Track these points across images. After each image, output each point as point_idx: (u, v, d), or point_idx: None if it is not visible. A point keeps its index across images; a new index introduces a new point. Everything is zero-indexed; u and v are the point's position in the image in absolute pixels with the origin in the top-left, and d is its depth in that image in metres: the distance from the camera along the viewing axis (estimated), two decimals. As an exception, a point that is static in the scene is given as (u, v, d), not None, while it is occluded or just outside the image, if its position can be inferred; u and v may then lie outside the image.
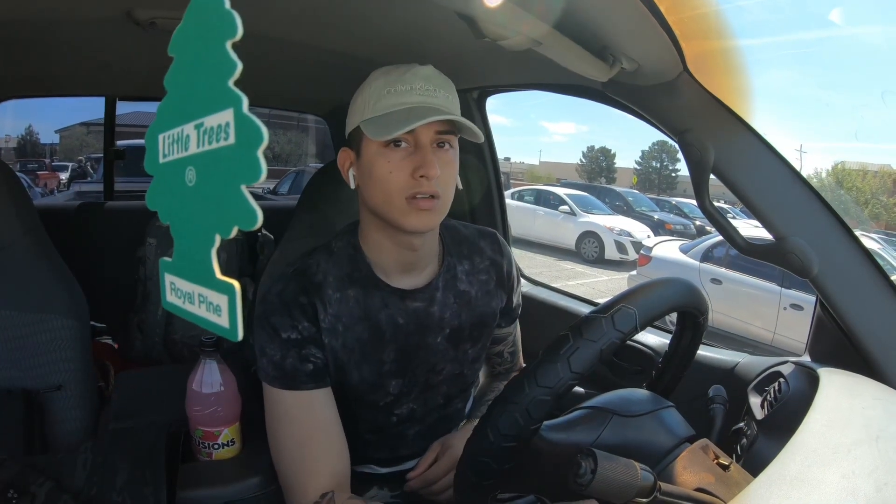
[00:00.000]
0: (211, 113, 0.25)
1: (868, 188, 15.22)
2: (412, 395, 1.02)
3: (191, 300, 0.28)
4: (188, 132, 0.26)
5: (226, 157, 0.24)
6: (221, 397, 0.94)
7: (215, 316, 0.27)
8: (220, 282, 0.26)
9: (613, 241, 10.19)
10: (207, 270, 0.27)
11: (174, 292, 0.30)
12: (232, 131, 0.24)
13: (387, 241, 0.93)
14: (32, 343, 1.01)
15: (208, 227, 0.26)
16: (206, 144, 0.25)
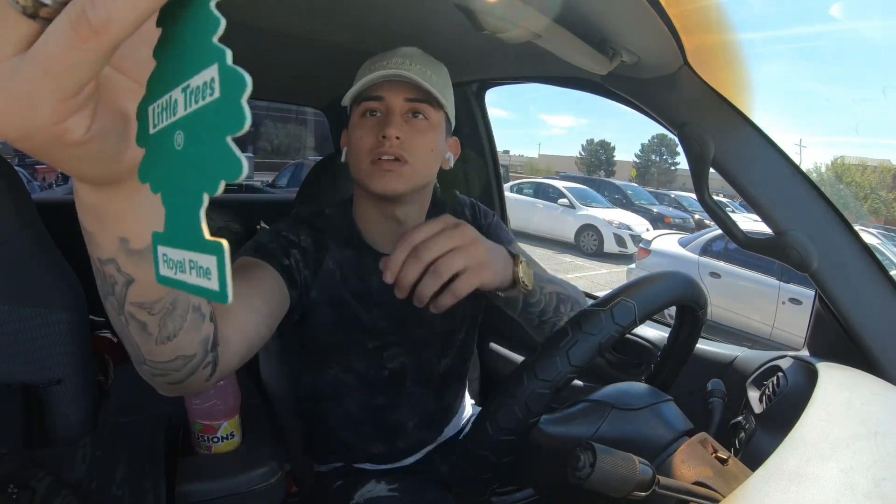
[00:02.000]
0: (197, 73, 0.24)
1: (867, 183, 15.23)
2: (403, 346, 1.03)
3: (182, 269, 0.27)
4: (176, 97, 0.26)
5: (212, 111, 0.24)
6: (221, 390, 0.94)
7: (205, 280, 0.26)
8: (207, 242, 0.25)
9: (612, 235, 10.19)
10: (197, 232, 0.26)
11: (166, 264, 0.29)
12: (217, 85, 0.23)
13: (374, 212, 0.98)
14: (31, 337, 1.00)
15: (196, 188, 0.25)
16: (192, 105, 0.25)
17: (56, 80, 0.24)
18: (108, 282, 0.43)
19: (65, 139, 0.27)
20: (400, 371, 1.04)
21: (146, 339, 0.49)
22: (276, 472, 0.94)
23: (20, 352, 1.00)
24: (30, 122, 0.26)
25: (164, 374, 0.54)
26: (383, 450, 1.08)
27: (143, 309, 0.46)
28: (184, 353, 0.53)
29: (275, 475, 0.94)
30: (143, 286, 0.43)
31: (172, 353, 0.52)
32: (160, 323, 0.47)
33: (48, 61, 0.24)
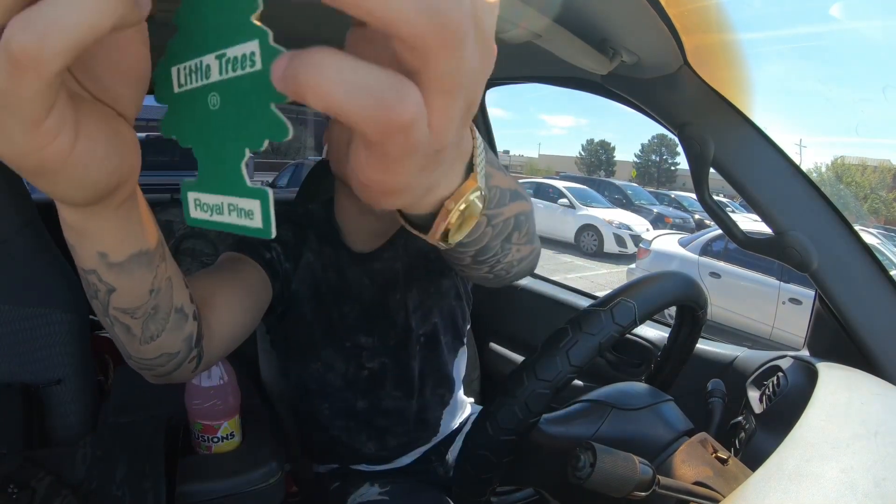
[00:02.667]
0: (233, 45, 0.27)
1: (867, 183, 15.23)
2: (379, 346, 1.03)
3: (219, 211, 0.31)
4: (208, 62, 0.28)
5: (254, 81, 0.26)
6: (221, 391, 0.94)
7: (247, 220, 0.29)
8: (251, 188, 0.29)
9: (612, 235, 10.19)
10: (238, 181, 0.29)
11: (199, 207, 0.32)
12: (259, 59, 0.26)
13: (352, 207, 0.98)
14: (31, 337, 1.00)
15: (238, 142, 0.28)
16: (229, 72, 0.27)
17: (13, 111, 0.24)
18: (91, 288, 0.45)
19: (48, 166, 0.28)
20: (380, 371, 1.04)
21: (131, 339, 0.50)
22: (276, 472, 0.94)
23: (20, 352, 1.00)
24: (10, 149, 0.26)
25: (151, 368, 0.56)
26: (375, 450, 1.08)
27: (125, 314, 0.47)
28: (168, 350, 0.54)
29: (275, 475, 0.94)
30: (125, 294, 0.45)
31: (157, 352, 0.53)
32: (143, 325, 0.49)
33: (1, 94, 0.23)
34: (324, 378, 1.03)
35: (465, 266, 0.55)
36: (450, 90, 0.24)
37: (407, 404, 1.07)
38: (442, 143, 0.26)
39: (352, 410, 1.05)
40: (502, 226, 0.51)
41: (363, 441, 1.07)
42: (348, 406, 1.05)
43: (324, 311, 1.00)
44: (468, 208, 0.39)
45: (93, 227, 0.38)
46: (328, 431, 1.08)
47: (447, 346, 1.10)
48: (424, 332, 1.05)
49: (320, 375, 1.03)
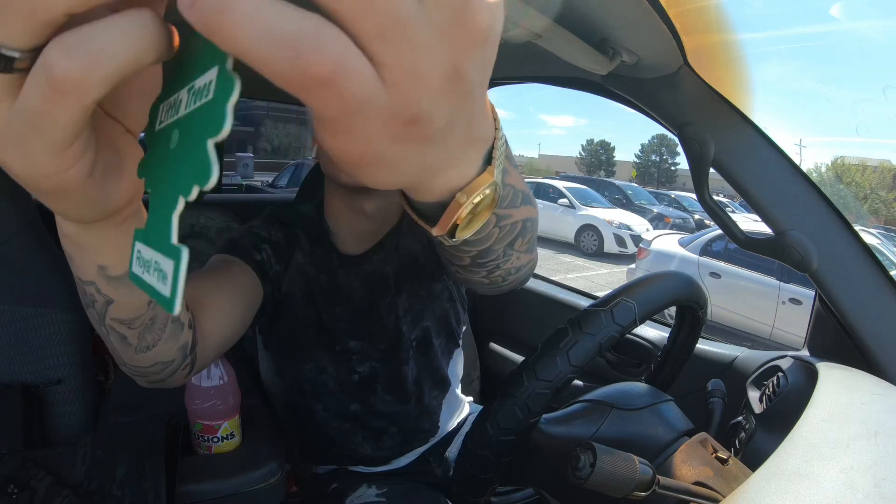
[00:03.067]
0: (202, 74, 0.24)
1: (867, 183, 15.23)
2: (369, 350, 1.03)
3: (147, 268, 0.27)
4: (182, 96, 0.26)
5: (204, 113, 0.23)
6: (221, 391, 0.94)
7: (161, 283, 0.25)
8: (171, 247, 0.25)
9: (612, 235, 10.19)
10: (165, 235, 0.25)
11: (139, 261, 0.28)
12: (213, 88, 0.23)
13: (343, 207, 0.97)
14: (31, 337, 1.00)
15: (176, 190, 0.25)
16: (192, 105, 0.24)
17: (42, 134, 0.24)
18: (88, 298, 0.44)
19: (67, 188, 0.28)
20: (370, 376, 1.04)
21: (126, 348, 0.50)
22: (276, 472, 0.94)
23: (20, 352, 1.00)
24: (31, 170, 0.26)
25: (144, 375, 0.56)
26: (371, 451, 1.08)
27: (122, 324, 0.47)
28: (163, 359, 0.54)
29: (275, 475, 0.94)
30: (123, 306, 0.45)
31: (151, 361, 0.53)
32: (139, 336, 0.49)
33: (31, 116, 0.23)
34: (317, 380, 1.03)
35: (462, 267, 0.53)
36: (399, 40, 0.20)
37: (401, 408, 1.07)
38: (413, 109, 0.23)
39: (346, 412, 1.05)
40: (509, 229, 0.48)
41: (359, 442, 1.07)
42: (342, 408, 1.05)
43: (315, 313, 1.00)
44: (481, 203, 0.37)
45: (94, 241, 0.37)
46: (324, 432, 1.08)
47: (441, 349, 1.10)
48: (416, 337, 1.05)
49: (313, 377, 1.03)
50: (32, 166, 0.26)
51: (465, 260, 0.51)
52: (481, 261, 0.51)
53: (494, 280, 0.57)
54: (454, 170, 0.34)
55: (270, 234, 0.95)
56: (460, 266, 0.53)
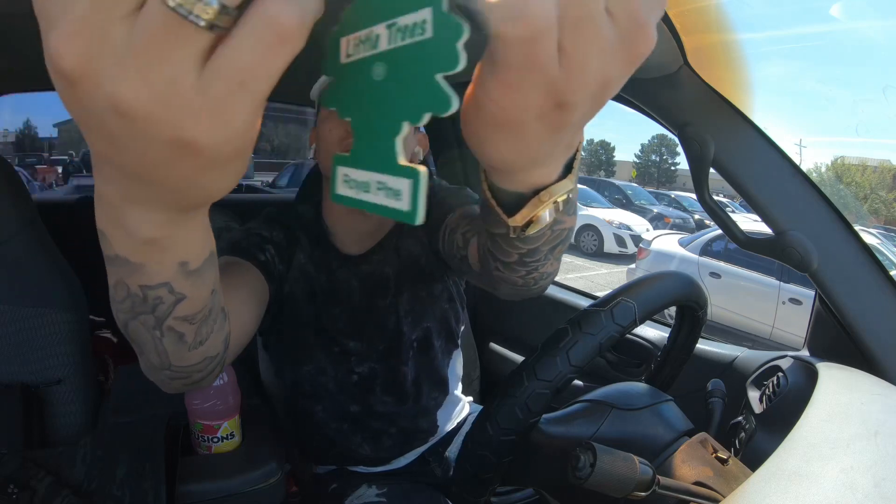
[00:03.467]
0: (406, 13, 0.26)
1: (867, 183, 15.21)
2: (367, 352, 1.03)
3: (366, 189, 0.30)
4: (377, 32, 0.28)
5: (421, 49, 0.26)
6: (221, 391, 0.94)
7: (393, 200, 0.28)
8: (402, 167, 0.28)
9: (612, 235, 10.18)
10: (390, 158, 0.28)
11: (346, 184, 0.31)
12: (429, 26, 0.25)
13: (341, 209, 0.98)
14: (31, 337, 1.00)
15: (396, 116, 0.28)
16: (398, 41, 0.27)
17: (252, 89, 0.24)
18: (149, 303, 0.42)
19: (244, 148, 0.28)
20: (369, 377, 1.04)
21: (180, 347, 0.48)
22: (276, 472, 0.94)
23: (20, 352, 1.00)
24: (225, 134, 0.26)
25: (186, 376, 0.54)
26: (371, 451, 1.08)
27: (185, 321, 0.45)
28: (210, 354, 0.53)
29: (275, 475, 0.94)
30: (193, 300, 0.43)
31: (201, 356, 0.52)
32: (197, 330, 0.47)
33: (243, 72, 0.23)
34: (316, 381, 1.03)
35: (505, 265, 0.57)
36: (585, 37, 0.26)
37: (400, 409, 1.07)
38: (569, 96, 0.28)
39: (345, 413, 1.05)
40: (558, 234, 0.52)
41: (358, 443, 1.07)
42: (341, 409, 1.05)
43: (315, 314, 1.00)
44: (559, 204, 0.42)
45: (186, 233, 0.36)
46: (323, 433, 1.08)
47: (441, 350, 1.10)
48: (417, 338, 1.05)
49: (313, 378, 1.03)
50: (228, 129, 0.25)
51: (513, 257, 0.55)
52: (527, 260, 0.55)
53: (528, 282, 0.61)
54: (546, 167, 0.38)
55: (272, 235, 0.95)
56: (504, 262, 0.57)
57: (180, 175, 0.28)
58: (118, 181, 0.30)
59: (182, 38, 0.23)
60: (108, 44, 0.23)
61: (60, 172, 11.37)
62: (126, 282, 0.40)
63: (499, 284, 0.65)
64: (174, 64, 0.23)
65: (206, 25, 0.22)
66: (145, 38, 0.22)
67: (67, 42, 0.23)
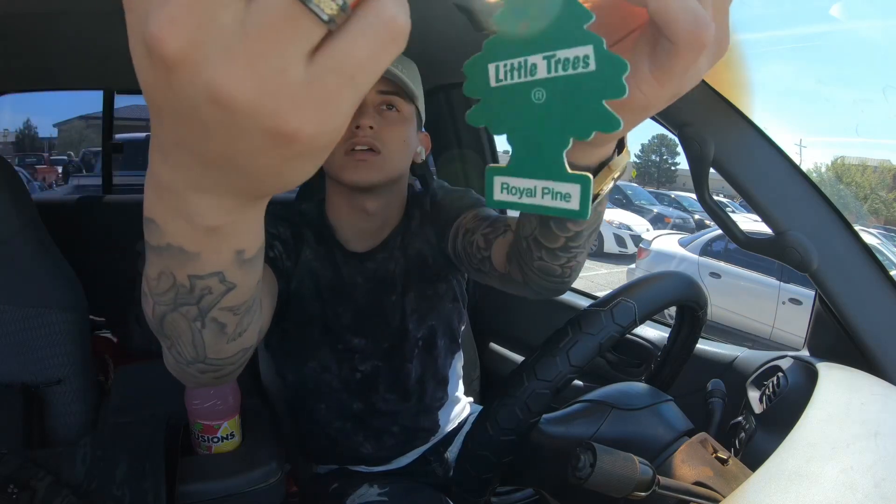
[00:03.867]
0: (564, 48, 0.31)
1: (868, 183, 15.20)
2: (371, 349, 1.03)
3: (530, 194, 0.35)
4: (534, 62, 0.33)
5: (587, 80, 0.31)
6: (220, 391, 0.94)
7: (563, 202, 0.34)
8: (572, 174, 0.33)
9: (612, 235, 10.17)
10: (559, 167, 0.33)
11: (505, 190, 0.36)
12: (592, 62, 0.30)
13: (345, 205, 0.99)
14: (31, 337, 1.00)
15: (563, 133, 0.32)
16: (559, 71, 0.32)
17: (359, 83, 0.25)
18: (195, 294, 0.41)
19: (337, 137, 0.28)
20: (372, 375, 1.04)
21: (219, 339, 0.47)
22: (276, 472, 0.94)
23: (20, 352, 1.00)
24: (327, 125, 0.26)
25: (219, 368, 0.53)
26: (372, 451, 1.08)
27: (229, 311, 0.45)
28: (246, 345, 0.52)
29: (275, 475, 0.94)
30: (242, 290, 0.43)
31: (237, 348, 0.51)
32: (239, 321, 0.47)
33: (355, 67, 0.24)
34: (320, 378, 1.03)
35: (551, 251, 0.63)
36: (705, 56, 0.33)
37: (403, 407, 1.07)
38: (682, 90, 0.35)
39: (348, 411, 1.05)
40: (599, 215, 0.57)
41: (360, 442, 1.07)
42: (344, 407, 1.05)
43: (320, 311, 1.00)
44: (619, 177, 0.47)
45: (250, 219, 0.36)
46: (325, 432, 1.08)
47: (444, 349, 1.10)
48: (422, 336, 1.06)
49: (316, 376, 1.03)
50: (332, 120, 0.26)
51: (560, 241, 0.61)
52: (571, 245, 0.61)
53: (565, 272, 0.67)
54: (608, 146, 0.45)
55: (279, 232, 0.95)
56: (549, 249, 0.63)
57: (268, 164, 0.28)
58: (191, 168, 0.30)
59: (302, 29, 0.23)
60: (216, 29, 0.22)
61: (60, 172, 11.38)
62: (174, 272, 0.39)
63: (532, 279, 0.70)
64: (287, 56, 0.23)
65: (327, 20, 0.23)
66: (262, 27, 0.22)
67: (172, 25, 0.22)
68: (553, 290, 0.73)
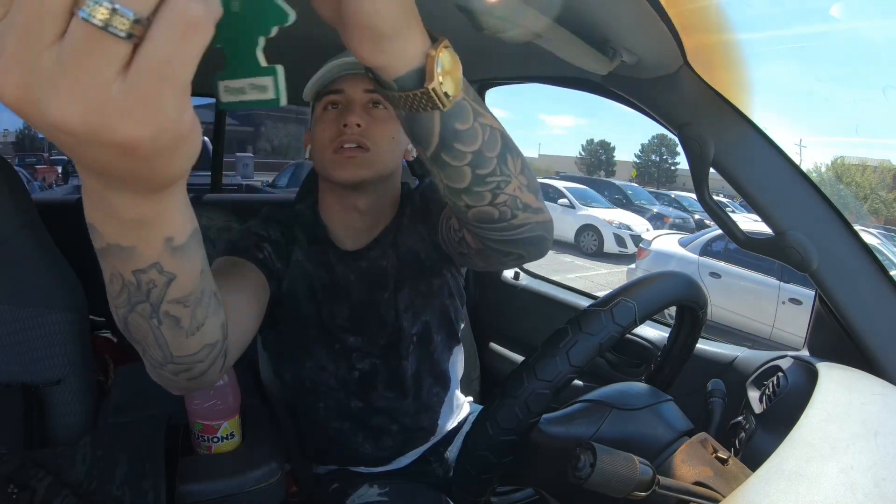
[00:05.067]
0: None
1: (867, 183, 15.21)
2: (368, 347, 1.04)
3: (242, 92, 0.38)
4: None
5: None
6: (221, 391, 0.94)
7: (264, 94, 0.38)
8: (265, 68, 0.37)
9: (612, 235, 10.19)
10: (254, 63, 0.37)
11: (227, 93, 0.39)
12: None
13: (336, 204, 1.00)
14: (31, 337, 1.00)
15: (252, 33, 0.37)
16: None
17: (174, 78, 0.28)
18: (143, 289, 0.44)
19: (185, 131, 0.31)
20: (370, 373, 1.04)
21: (178, 334, 0.50)
22: (276, 472, 0.94)
23: (20, 352, 1.00)
24: (157, 126, 0.29)
25: (189, 368, 0.55)
26: (372, 450, 1.08)
27: (179, 304, 0.47)
28: (209, 341, 0.54)
29: (275, 475, 0.94)
30: (183, 280, 0.45)
31: (200, 344, 0.53)
32: (192, 313, 0.49)
33: (163, 64, 0.27)
34: (318, 378, 1.03)
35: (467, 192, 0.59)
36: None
37: (401, 404, 1.07)
38: None
39: (347, 410, 1.05)
40: (490, 133, 0.56)
41: (359, 441, 1.07)
42: (343, 406, 1.05)
43: (315, 311, 1.00)
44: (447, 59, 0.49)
45: (167, 208, 0.39)
46: (325, 432, 1.08)
47: (442, 345, 1.10)
48: (417, 332, 1.05)
49: (314, 375, 1.03)
50: (159, 121, 0.29)
51: (466, 175, 0.57)
52: (480, 172, 0.57)
53: (504, 214, 0.62)
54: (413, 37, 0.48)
55: (270, 234, 0.96)
56: (462, 190, 0.58)
57: (132, 168, 0.32)
58: (91, 175, 0.35)
59: (107, 50, 0.26)
60: (39, 71, 0.26)
61: (60, 172, 11.38)
62: (120, 271, 0.43)
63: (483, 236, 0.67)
64: (101, 75, 0.26)
65: (125, 35, 0.26)
66: (72, 58, 0.26)
67: (5, 75, 0.26)
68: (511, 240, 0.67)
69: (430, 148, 0.54)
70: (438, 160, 0.56)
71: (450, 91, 0.50)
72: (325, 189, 1.02)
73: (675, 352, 0.94)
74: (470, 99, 0.54)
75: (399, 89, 0.50)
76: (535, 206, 0.64)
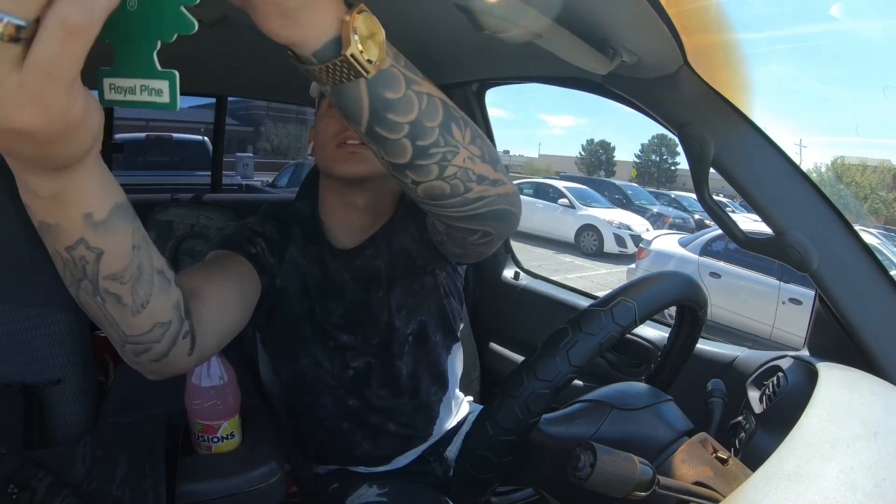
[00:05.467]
0: None
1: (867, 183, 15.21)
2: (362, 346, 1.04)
3: (132, 92, 0.39)
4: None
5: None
6: (220, 391, 0.94)
7: (156, 97, 0.38)
8: (162, 71, 0.38)
9: (612, 235, 10.19)
10: (151, 66, 0.38)
11: (113, 90, 0.39)
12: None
13: (336, 201, 1.01)
14: (31, 337, 1.00)
15: (151, 36, 0.37)
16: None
17: (59, 76, 0.32)
18: (78, 266, 0.48)
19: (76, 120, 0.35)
20: (365, 371, 1.04)
21: (123, 311, 0.52)
22: (276, 472, 0.94)
23: (20, 352, 1.00)
24: (48, 116, 0.33)
25: (148, 348, 0.57)
26: (370, 450, 1.08)
27: (115, 280, 0.50)
28: (160, 319, 0.56)
29: (275, 475, 0.94)
30: (112, 255, 0.48)
31: (149, 322, 0.55)
32: (132, 291, 0.51)
33: (49, 64, 0.31)
34: (315, 376, 1.04)
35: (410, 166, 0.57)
36: None
37: (397, 403, 1.07)
38: None
39: (344, 409, 1.05)
40: (428, 101, 0.54)
41: (358, 441, 1.07)
42: (340, 405, 1.05)
43: (308, 308, 1.00)
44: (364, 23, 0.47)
45: (79, 184, 0.43)
46: (323, 431, 1.08)
47: (440, 345, 1.10)
48: (412, 332, 1.05)
49: (311, 372, 1.03)
50: (49, 112, 0.33)
51: (406, 148, 0.55)
52: (421, 143, 0.55)
53: (456, 189, 0.60)
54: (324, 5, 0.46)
55: (264, 230, 0.97)
56: (406, 165, 0.57)
57: (33, 151, 0.37)
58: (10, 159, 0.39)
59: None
60: None
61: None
62: (56, 248, 0.47)
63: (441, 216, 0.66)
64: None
65: (7, 39, 0.29)
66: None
67: None
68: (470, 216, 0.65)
69: (362, 122, 0.53)
70: (374, 135, 0.54)
71: (373, 57, 0.48)
72: (326, 187, 1.02)
73: (675, 352, 0.94)
74: (400, 66, 0.52)
75: (319, 62, 0.48)
76: (493, 178, 0.62)
